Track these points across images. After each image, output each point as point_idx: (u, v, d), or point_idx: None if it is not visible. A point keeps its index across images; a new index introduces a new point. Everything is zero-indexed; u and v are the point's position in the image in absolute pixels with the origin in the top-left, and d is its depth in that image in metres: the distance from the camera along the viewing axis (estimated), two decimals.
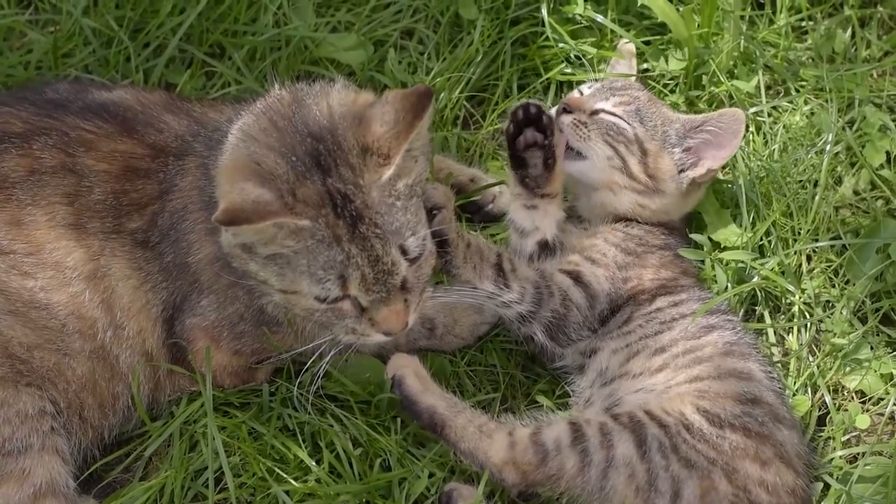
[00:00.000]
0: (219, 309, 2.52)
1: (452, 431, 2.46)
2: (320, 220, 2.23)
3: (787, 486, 2.39)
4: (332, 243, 2.25)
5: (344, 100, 2.36)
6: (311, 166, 2.26)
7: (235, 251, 2.33)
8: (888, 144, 2.99)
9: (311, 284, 2.29)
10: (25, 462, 2.37)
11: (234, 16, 3.09)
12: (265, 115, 2.35)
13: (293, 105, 2.35)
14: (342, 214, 2.24)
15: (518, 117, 2.65)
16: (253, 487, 2.53)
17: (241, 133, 2.35)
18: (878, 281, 2.80)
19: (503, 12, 3.14)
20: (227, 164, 2.31)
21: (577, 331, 2.62)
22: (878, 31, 3.24)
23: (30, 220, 2.45)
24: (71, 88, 2.67)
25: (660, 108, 2.79)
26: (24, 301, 2.44)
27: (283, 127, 2.31)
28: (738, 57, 3.09)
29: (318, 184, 2.25)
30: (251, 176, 2.24)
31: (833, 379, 2.73)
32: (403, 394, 2.51)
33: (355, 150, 2.28)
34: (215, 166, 2.38)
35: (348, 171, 2.26)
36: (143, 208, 2.51)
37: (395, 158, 2.27)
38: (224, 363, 2.59)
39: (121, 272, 2.49)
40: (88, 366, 2.48)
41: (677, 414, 2.42)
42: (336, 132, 2.29)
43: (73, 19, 3.07)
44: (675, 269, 2.69)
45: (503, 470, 2.42)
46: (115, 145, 2.52)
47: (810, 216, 2.87)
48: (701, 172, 2.71)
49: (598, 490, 2.37)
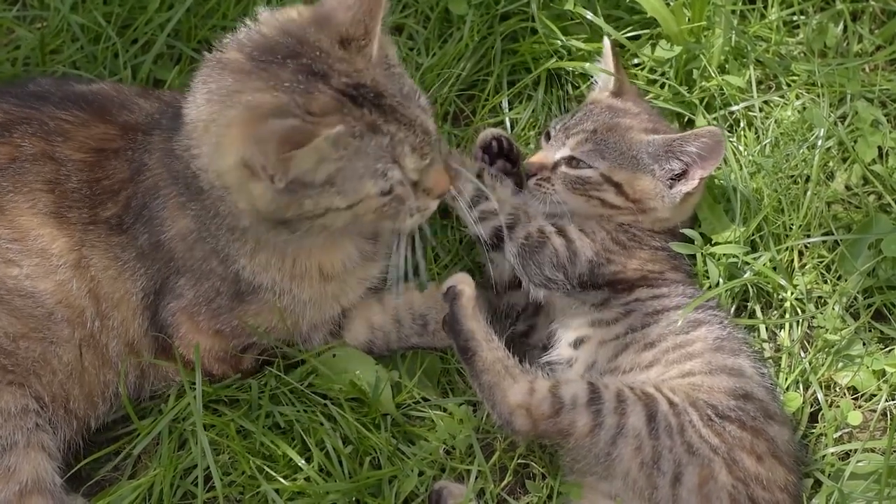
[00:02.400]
0: (195, 286, 2.51)
1: (481, 361, 2.47)
2: (348, 119, 2.23)
3: (779, 481, 2.40)
4: (372, 132, 2.26)
5: (282, 17, 2.35)
6: (307, 79, 2.24)
7: (281, 201, 2.26)
8: (880, 139, 2.97)
9: (374, 183, 2.28)
10: (10, 460, 2.37)
11: (223, 11, 3.08)
12: (222, 72, 2.30)
13: (241, 51, 2.31)
14: (363, 103, 2.25)
15: (493, 151, 2.84)
16: (242, 486, 2.53)
17: (214, 96, 2.28)
18: (871, 277, 2.79)
19: (493, 7, 3.12)
20: (232, 123, 2.24)
21: (552, 270, 2.61)
22: (869, 26, 3.22)
23: (12, 207, 2.45)
24: (53, 82, 2.68)
25: (623, 135, 2.71)
26: (9, 289, 2.43)
27: (251, 69, 2.27)
28: (729, 51, 3.07)
29: (326, 90, 2.24)
30: (266, 119, 2.20)
31: (825, 375, 2.72)
32: (453, 308, 2.53)
33: (336, 45, 2.28)
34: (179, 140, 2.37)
35: (343, 64, 2.27)
36: (116, 194, 2.50)
37: (374, 32, 2.29)
38: (207, 346, 2.57)
39: (100, 263, 2.48)
40: (76, 354, 2.47)
41: (683, 396, 2.42)
42: (307, 42, 2.29)
43: (61, 15, 3.06)
44: (664, 265, 2.67)
45: (515, 413, 2.42)
46: (90, 131, 2.52)
47: (802, 212, 2.86)
48: (694, 185, 2.67)
49: (605, 455, 2.39)
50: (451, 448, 2.61)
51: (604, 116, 2.75)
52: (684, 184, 2.66)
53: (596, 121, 2.74)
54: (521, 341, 2.74)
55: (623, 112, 2.78)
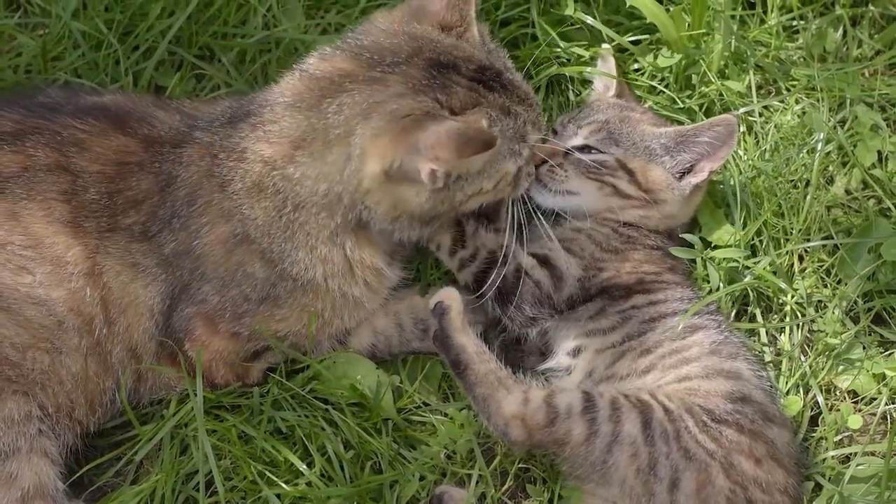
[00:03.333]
0: (222, 291, 2.52)
1: (473, 374, 2.47)
2: (486, 108, 2.34)
3: (779, 484, 2.39)
4: (505, 114, 2.39)
5: (382, 20, 2.44)
6: (440, 73, 2.32)
7: (437, 199, 2.38)
8: (880, 144, 2.98)
9: (513, 162, 2.44)
10: (13, 466, 2.37)
11: (224, 18, 3.09)
12: (341, 83, 2.37)
13: (357, 59, 2.38)
14: (493, 86, 2.36)
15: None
16: (244, 491, 2.53)
17: (354, 107, 2.34)
18: (870, 280, 2.79)
19: (493, 13, 3.13)
20: (377, 134, 2.30)
21: (534, 308, 2.61)
22: (869, 30, 3.23)
23: (26, 214, 2.46)
24: (63, 94, 2.69)
25: (635, 126, 2.74)
26: (20, 297, 2.43)
27: (379, 75, 2.34)
28: (728, 57, 3.08)
29: (460, 80, 2.34)
30: (419, 127, 2.27)
31: (825, 379, 2.72)
32: (442, 324, 2.53)
33: (443, 34, 2.38)
34: (236, 150, 2.46)
35: (458, 51, 2.37)
36: (139, 204, 2.52)
37: (470, 16, 2.39)
38: (220, 348, 2.58)
39: (113, 269, 2.49)
40: (83, 363, 2.48)
41: (679, 402, 2.42)
42: (419, 36, 2.38)
43: (63, 22, 3.06)
44: (660, 266, 2.68)
45: (510, 424, 2.42)
46: (108, 142, 2.53)
47: (802, 216, 2.86)
48: (703, 177, 2.69)
49: (601, 463, 2.39)
50: (452, 452, 2.61)
51: (614, 110, 2.80)
52: (694, 175, 2.69)
53: (607, 113, 2.78)
54: (515, 348, 2.73)
55: (630, 108, 2.83)
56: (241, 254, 2.49)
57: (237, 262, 2.50)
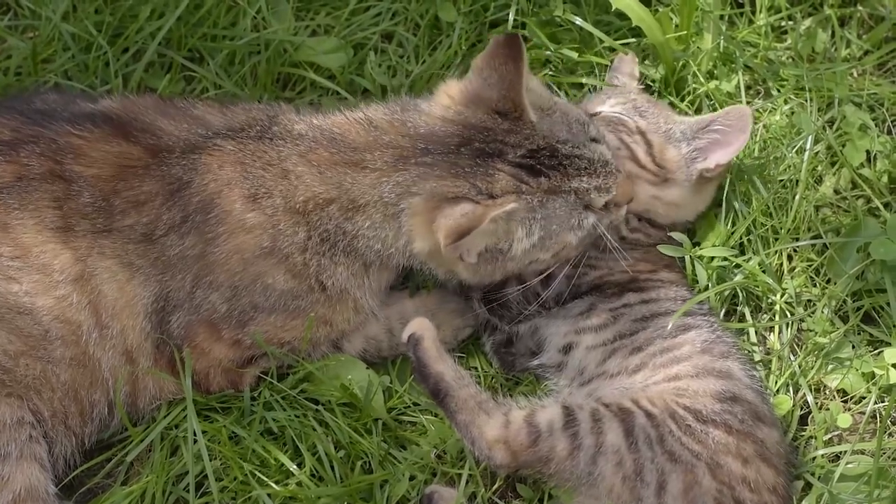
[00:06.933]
0: (232, 300, 2.51)
1: (454, 401, 2.47)
2: (525, 194, 2.39)
3: (768, 483, 2.39)
4: (554, 195, 2.42)
5: (438, 105, 2.49)
6: (485, 162, 2.39)
7: (482, 269, 2.49)
8: (868, 143, 2.98)
9: (573, 233, 2.48)
10: (4, 469, 2.36)
11: (213, 20, 3.09)
12: (406, 162, 2.44)
13: (421, 140, 2.45)
14: (541, 171, 2.40)
15: None
16: (234, 491, 2.53)
17: (406, 186, 2.43)
18: (859, 280, 2.79)
19: (482, 15, 3.14)
20: (416, 212, 2.41)
21: (521, 303, 2.64)
22: (857, 31, 3.24)
23: (17, 224, 2.45)
24: (59, 99, 2.67)
25: (662, 110, 2.83)
26: (9, 306, 2.43)
27: (431, 161, 2.42)
28: (717, 57, 3.09)
29: (504, 167, 2.39)
30: (440, 208, 2.37)
31: (815, 378, 2.73)
32: (417, 355, 2.52)
33: (497, 119, 2.42)
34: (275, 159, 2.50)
35: (511, 136, 2.42)
36: (140, 205, 2.50)
37: (522, 103, 2.42)
38: (220, 356, 2.57)
39: (107, 270, 2.47)
40: (70, 373, 2.47)
41: (662, 405, 2.42)
42: (472, 124, 2.43)
43: (52, 25, 3.06)
44: (656, 263, 2.69)
45: (493, 448, 2.42)
46: (108, 147, 2.51)
47: (791, 215, 2.87)
48: (709, 166, 2.73)
49: (587, 475, 2.38)
50: (443, 452, 2.61)
51: (642, 95, 2.89)
52: (702, 162, 2.74)
53: (635, 94, 2.87)
54: (504, 351, 2.73)
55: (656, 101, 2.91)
56: (263, 266, 2.50)
57: (255, 273, 2.50)
